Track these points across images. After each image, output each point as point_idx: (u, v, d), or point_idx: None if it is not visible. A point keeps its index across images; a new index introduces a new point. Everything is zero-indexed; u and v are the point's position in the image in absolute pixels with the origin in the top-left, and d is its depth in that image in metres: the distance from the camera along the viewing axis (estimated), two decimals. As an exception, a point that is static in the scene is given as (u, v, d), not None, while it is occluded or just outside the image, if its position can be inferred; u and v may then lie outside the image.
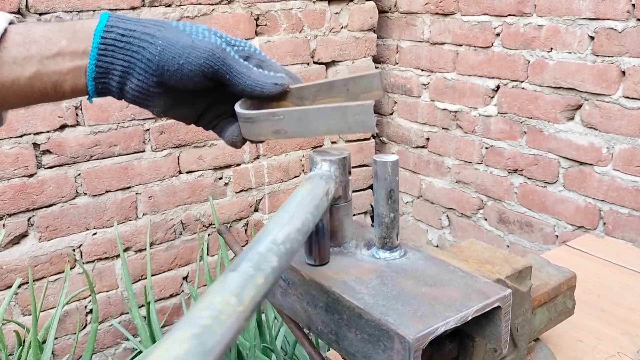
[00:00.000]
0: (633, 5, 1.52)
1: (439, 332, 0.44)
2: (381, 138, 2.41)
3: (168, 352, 0.33)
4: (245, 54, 0.56)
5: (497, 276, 0.65)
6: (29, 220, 1.64)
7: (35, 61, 0.53)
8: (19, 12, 1.50)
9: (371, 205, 2.41)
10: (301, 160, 2.13)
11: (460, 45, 1.99)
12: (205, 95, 0.58)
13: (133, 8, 1.66)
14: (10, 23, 0.54)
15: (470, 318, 0.46)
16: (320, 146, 2.18)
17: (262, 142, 0.58)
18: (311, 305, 0.54)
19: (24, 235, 1.64)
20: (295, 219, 0.47)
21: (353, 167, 2.27)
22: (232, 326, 0.36)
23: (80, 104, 1.64)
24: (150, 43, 0.53)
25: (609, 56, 1.59)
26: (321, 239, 0.55)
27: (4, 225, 1.59)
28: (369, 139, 2.32)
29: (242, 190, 2.02)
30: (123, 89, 0.55)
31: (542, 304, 0.81)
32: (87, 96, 0.56)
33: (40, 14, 1.53)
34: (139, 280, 1.86)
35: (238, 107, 0.55)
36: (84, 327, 1.79)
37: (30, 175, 1.61)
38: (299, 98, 0.57)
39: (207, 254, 1.90)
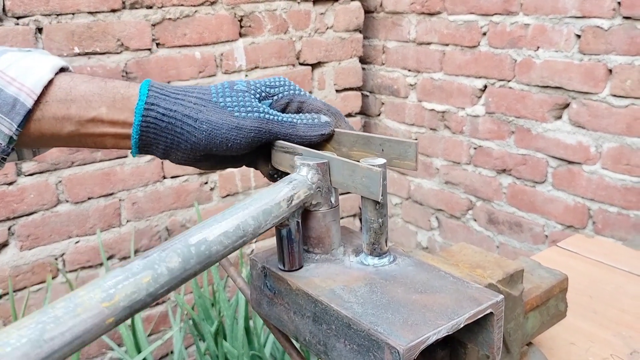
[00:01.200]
0: (619, 3, 1.51)
1: (431, 341, 0.42)
2: (368, 140, 2.39)
3: (2, 334, 0.33)
4: (285, 101, 0.58)
5: (488, 281, 0.63)
6: (9, 229, 1.60)
7: (74, 122, 0.54)
8: (-5, 15, 1.46)
9: (360, 208, 2.39)
10: (288, 163, 2.11)
11: (447, 44, 1.98)
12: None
13: (113, 10, 1.63)
14: (59, 71, 0.55)
15: (462, 326, 0.45)
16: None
17: (279, 172, 0.60)
18: (298, 315, 0.52)
19: (4, 244, 1.60)
20: (228, 221, 0.46)
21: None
22: (86, 321, 0.36)
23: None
24: (194, 127, 0.54)
25: (595, 54, 1.58)
26: (290, 245, 0.53)
27: (-17, 234, 1.55)
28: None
29: (228, 195, 1.99)
30: (168, 156, 0.57)
31: (534, 307, 0.80)
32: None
33: (18, 18, 1.50)
34: (124, 288, 1.82)
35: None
36: (68, 337, 1.75)
37: (10, 183, 1.57)
38: (337, 142, 0.59)
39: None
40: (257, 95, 0.56)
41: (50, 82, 0.53)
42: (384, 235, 0.53)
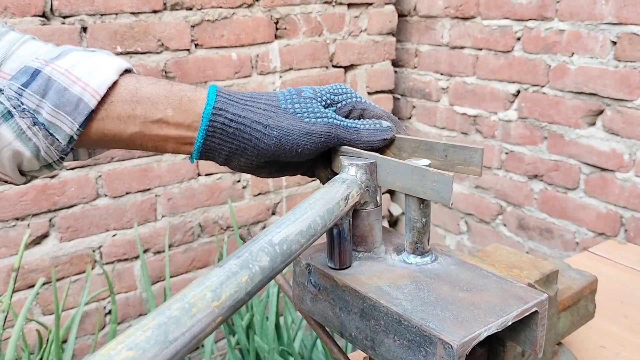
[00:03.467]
0: (657, 10, 1.50)
1: (482, 337, 0.44)
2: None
3: (129, 337, 0.34)
4: (348, 108, 0.59)
5: (526, 281, 0.65)
6: (50, 220, 1.65)
7: (139, 122, 0.54)
8: (43, 15, 1.52)
9: (389, 211, 2.41)
10: (319, 163, 2.13)
11: (480, 49, 1.98)
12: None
13: (155, 11, 1.68)
14: (124, 72, 0.55)
15: (510, 323, 0.46)
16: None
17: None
18: (344, 311, 0.53)
19: (45, 235, 1.66)
20: (300, 221, 0.47)
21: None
22: (201, 321, 0.37)
23: (102, 106, 1.66)
24: (263, 134, 0.54)
25: (631, 61, 1.57)
26: (342, 243, 0.54)
27: (28, 225, 1.61)
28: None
29: (260, 194, 2.02)
30: (229, 162, 0.57)
31: (566, 307, 0.81)
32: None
33: (64, 17, 1.55)
34: (158, 281, 1.87)
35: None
36: (103, 328, 1.80)
37: (53, 177, 1.63)
38: (397, 148, 0.59)
39: (225, 257, 1.91)
40: (323, 103, 0.57)
41: (115, 83, 0.53)
42: (426, 234, 0.55)
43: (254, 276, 0.41)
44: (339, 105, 0.59)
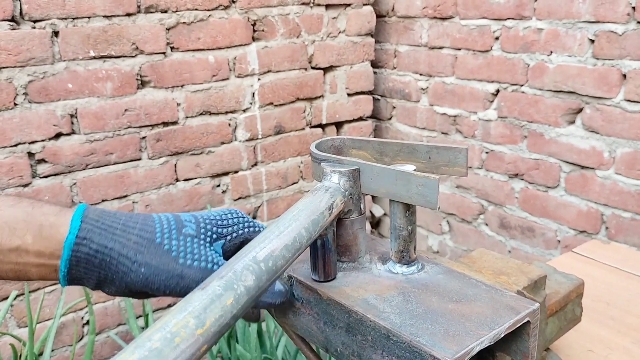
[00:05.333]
0: (633, 8, 1.51)
1: (475, 352, 0.42)
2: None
3: None
4: (239, 240, 0.54)
5: (515, 287, 0.63)
6: (24, 230, 1.61)
7: None
8: (13, 19, 1.47)
9: (371, 212, 2.39)
10: (300, 166, 2.11)
11: (459, 49, 1.98)
12: None
13: (129, 14, 1.64)
14: None
15: (502, 335, 0.44)
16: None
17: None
18: (329, 325, 0.51)
19: (19, 246, 1.61)
20: (285, 234, 0.45)
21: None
22: (185, 351, 0.34)
23: (76, 112, 1.62)
24: (130, 269, 0.49)
25: (609, 59, 1.58)
26: (326, 255, 0.52)
27: None
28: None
29: (240, 198, 1.99)
30: (101, 289, 0.52)
31: (553, 313, 0.80)
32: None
33: (34, 21, 1.51)
34: (137, 290, 1.83)
35: (313, 147, 0.55)
36: (81, 339, 1.76)
37: (25, 185, 1.58)
38: (379, 152, 0.57)
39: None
40: (208, 239, 0.52)
41: None
42: (412, 242, 0.53)
43: (239, 297, 0.39)
44: (229, 238, 0.53)
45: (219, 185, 1.94)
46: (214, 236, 0.52)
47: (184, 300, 0.37)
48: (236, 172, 1.97)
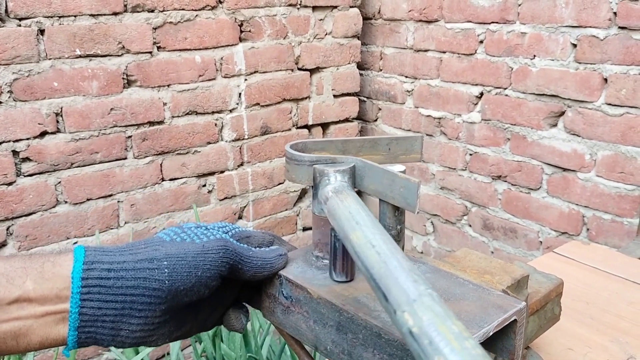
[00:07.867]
0: (615, 13, 1.53)
1: None
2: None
3: None
4: (237, 237, 0.55)
5: (499, 287, 0.64)
6: (7, 229, 1.60)
7: None
8: (-2, 16, 1.47)
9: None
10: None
11: (444, 52, 2.00)
12: (207, 301, 0.53)
13: (115, 13, 1.64)
14: None
15: (491, 334, 0.44)
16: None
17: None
18: (319, 324, 0.51)
19: (2, 244, 1.60)
20: (398, 254, 0.42)
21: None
22: None
23: (61, 111, 1.61)
24: (152, 270, 0.45)
25: (591, 63, 1.61)
26: (349, 254, 0.53)
27: (-18, 234, 1.55)
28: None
29: (226, 198, 2.00)
30: (117, 335, 0.46)
31: (534, 312, 0.81)
32: (62, 346, 0.46)
33: (20, 19, 1.50)
34: (121, 289, 1.82)
35: (289, 147, 0.55)
36: (65, 338, 1.75)
37: (10, 184, 1.57)
38: (342, 151, 0.57)
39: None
40: (210, 226, 0.53)
41: None
42: (401, 242, 0.53)
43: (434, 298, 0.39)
44: (232, 233, 0.56)
45: (205, 185, 1.94)
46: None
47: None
48: (222, 172, 1.97)
